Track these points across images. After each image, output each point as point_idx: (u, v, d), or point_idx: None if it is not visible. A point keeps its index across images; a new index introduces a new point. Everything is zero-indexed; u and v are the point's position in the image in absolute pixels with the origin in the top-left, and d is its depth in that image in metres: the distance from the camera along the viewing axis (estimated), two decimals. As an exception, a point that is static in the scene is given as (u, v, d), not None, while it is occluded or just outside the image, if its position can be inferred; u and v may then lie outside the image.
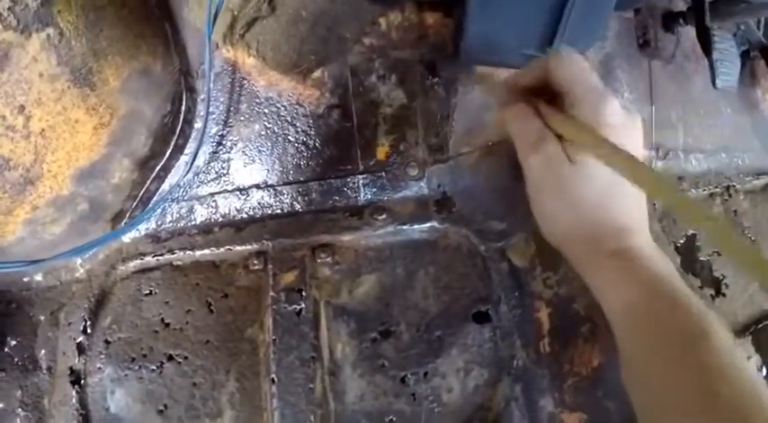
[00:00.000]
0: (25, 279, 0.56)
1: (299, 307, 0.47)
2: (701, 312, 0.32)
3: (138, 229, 0.55)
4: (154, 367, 0.48)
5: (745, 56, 0.51)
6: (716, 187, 0.56)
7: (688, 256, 0.53)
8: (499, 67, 0.49)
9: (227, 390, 0.47)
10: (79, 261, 0.56)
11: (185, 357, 0.48)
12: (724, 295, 0.55)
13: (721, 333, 0.31)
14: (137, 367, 0.49)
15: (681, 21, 0.51)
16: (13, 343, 0.56)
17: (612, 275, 0.35)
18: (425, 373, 0.45)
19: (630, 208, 0.35)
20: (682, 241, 0.54)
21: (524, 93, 0.37)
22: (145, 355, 0.49)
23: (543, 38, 0.44)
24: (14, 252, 0.52)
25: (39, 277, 0.56)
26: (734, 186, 0.57)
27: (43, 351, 0.54)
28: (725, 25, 0.48)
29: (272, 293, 0.47)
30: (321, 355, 0.46)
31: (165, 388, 0.48)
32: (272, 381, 0.45)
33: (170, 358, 0.48)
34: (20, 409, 0.53)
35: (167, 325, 0.49)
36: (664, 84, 0.52)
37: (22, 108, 0.45)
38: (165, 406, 0.48)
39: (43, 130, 0.46)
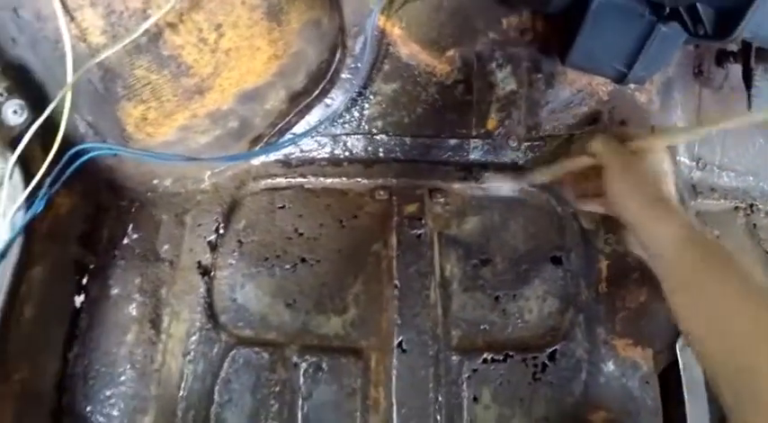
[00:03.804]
0: (155, 181, 0.62)
1: (419, 231, 0.57)
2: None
3: (267, 156, 0.63)
4: (288, 266, 0.57)
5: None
6: (741, 202, 0.69)
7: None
8: (592, 73, 0.63)
9: (353, 290, 0.56)
10: (208, 173, 0.63)
11: (317, 260, 0.57)
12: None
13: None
14: (270, 266, 0.57)
15: (731, 58, 0.65)
16: (135, 236, 0.61)
17: (661, 221, 0.48)
18: (514, 296, 0.58)
19: (667, 180, 0.51)
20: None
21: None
22: (278, 256, 0.57)
23: (630, 57, 0.58)
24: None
25: (167, 182, 0.62)
26: (756, 205, 0.70)
27: (166, 246, 0.60)
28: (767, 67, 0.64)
29: (396, 219, 0.58)
30: (434, 272, 0.56)
31: (296, 285, 0.56)
32: (395, 286, 0.55)
33: (303, 260, 0.57)
34: (137, 295, 0.58)
35: (301, 234, 0.58)
36: (710, 108, 0.67)
37: (219, 26, 0.52)
38: (294, 300, 0.56)
39: (229, 49, 0.54)
